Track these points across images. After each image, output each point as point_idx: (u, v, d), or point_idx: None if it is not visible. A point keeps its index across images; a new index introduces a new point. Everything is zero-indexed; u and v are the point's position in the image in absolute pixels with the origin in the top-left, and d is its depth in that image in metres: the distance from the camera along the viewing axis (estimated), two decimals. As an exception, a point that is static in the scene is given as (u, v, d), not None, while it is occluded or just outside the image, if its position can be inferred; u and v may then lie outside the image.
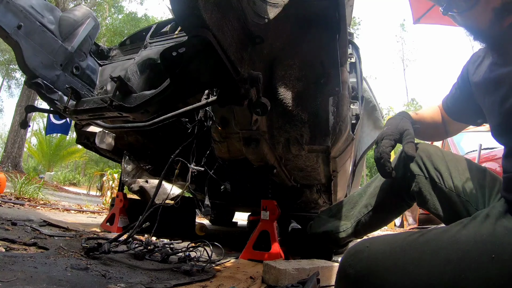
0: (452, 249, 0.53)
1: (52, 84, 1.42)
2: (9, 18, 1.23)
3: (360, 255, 0.60)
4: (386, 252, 0.57)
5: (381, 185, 1.26)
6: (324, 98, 1.25)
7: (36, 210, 2.99)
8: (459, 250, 0.52)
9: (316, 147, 1.34)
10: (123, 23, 15.24)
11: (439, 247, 0.54)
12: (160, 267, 1.19)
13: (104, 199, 6.65)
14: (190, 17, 0.78)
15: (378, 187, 1.28)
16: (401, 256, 0.55)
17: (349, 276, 0.58)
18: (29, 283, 0.77)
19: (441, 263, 0.51)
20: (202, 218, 4.59)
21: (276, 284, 1.04)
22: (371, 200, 1.29)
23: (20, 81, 22.10)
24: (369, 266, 0.57)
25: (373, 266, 0.56)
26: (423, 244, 0.56)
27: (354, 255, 0.61)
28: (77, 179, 17.82)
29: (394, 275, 0.53)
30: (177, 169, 1.55)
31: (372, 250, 0.59)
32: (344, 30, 1.23)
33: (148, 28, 2.15)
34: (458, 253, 0.52)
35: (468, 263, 0.50)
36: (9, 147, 11.02)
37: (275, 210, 1.66)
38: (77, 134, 2.27)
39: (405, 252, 0.56)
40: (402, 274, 0.53)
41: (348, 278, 0.58)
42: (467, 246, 0.52)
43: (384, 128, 1.08)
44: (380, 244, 0.60)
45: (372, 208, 1.28)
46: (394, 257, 0.56)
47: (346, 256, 0.62)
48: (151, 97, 1.00)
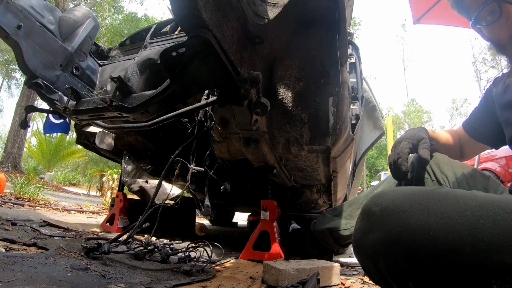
0: (471, 199, 0.56)
1: (52, 85, 1.42)
2: (9, 18, 1.23)
3: (385, 196, 0.62)
4: (410, 194, 0.60)
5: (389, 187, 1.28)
6: (324, 98, 1.25)
7: (36, 210, 2.99)
8: (478, 200, 0.55)
9: (316, 147, 1.34)
10: (123, 23, 15.24)
11: (459, 196, 0.57)
12: (160, 267, 1.19)
13: (104, 199, 6.65)
14: (190, 17, 0.78)
15: (386, 189, 1.29)
16: (425, 198, 0.58)
17: (374, 213, 0.60)
18: (29, 283, 0.77)
19: (461, 208, 0.54)
20: (202, 218, 4.59)
21: (276, 284, 1.04)
22: None
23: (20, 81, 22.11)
24: (394, 204, 0.59)
25: (398, 204, 0.58)
26: (445, 193, 0.59)
27: (379, 196, 0.63)
28: (77, 179, 17.81)
29: (418, 212, 0.55)
30: (177, 169, 1.55)
31: (397, 192, 0.62)
32: (344, 30, 1.23)
33: (148, 28, 2.15)
34: (477, 202, 0.54)
35: (486, 212, 0.52)
36: (9, 147, 11.01)
37: (275, 210, 1.66)
38: (77, 134, 2.27)
39: (428, 196, 0.58)
40: (428, 213, 0.55)
41: (373, 216, 0.60)
42: (485, 199, 0.55)
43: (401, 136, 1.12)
44: (405, 189, 0.63)
45: None
46: (418, 198, 0.58)
47: (371, 198, 0.65)
48: (151, 97, 1.00)
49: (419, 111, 28.95)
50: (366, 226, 0.62)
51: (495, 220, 0.51)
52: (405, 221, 0.55)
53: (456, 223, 0.52)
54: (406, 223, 0.55)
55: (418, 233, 0.53)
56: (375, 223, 0.59)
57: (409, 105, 29.98)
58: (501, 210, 0.52)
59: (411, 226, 0.55)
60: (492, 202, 0.54)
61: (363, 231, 0.62)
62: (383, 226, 0.58)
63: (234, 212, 4.84)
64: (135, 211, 2.26)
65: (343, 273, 1.43)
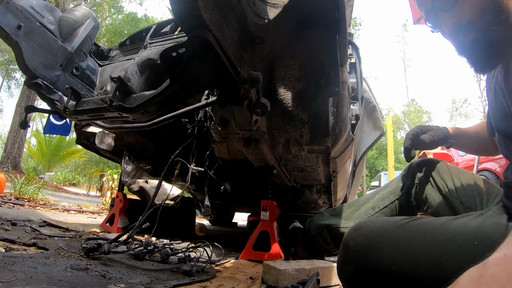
0: (439, 232, 0.60)
1: (52, 85, 1.42)
2: (9, 19, 1.23)
3: (360, 231, 0.68)
4: (382, 230, 0.65)
5: (391, 190, 1.33)
6: (324, 99, 1.25)
7: (36, 211, 2.99)
8: (446, 234, 0.59)
9: (316, 148, 1.34)
10: (123, 24, 15.24)
11: (428, 230, 0.62)
12: (160, 268, 1.19)
13: (104, 199, 6.65)
14: (190, 17, 0.78)
15: (387, 192, 1.34)
16: (395, 234, 0.63)
17: (349, 247, 0.66)
18: (29, 284, 0.77)
19: (428, 243, 0.59)
20: (202, 219, 4.59)
21: (276, 284, 1.04)
22: (379, 203, 1.34)
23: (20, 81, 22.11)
24: (367, 240, 0.65)
25: (370, 240, 0.64)
26: (415, 226, 0.64)
27: (355, 230, 0.69)
28: (77, 179, 17.81)
29: (388, 249, 0.61)
30: (177, 170, 1.55)
31: (371, 227, 0.68)
32: (344, 31, 1.23)
33: (148, 29, 2.15)
34: (444, 237, 0.59)
35: (452, 246, 0.56)
36: (9, 147, 11.01)
37: (275, 210, 1.66)
38: (77, 135, 2.27)
39: (399, 231, 0.64)
40: (394, 248, 0.60)
41: (348, 249, 0.67)
42: (453, 232, 0.59)
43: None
44: (378, 223, 0.69)
45: (379, 210, 1.33)
46: (389, 234, 0.64)
47: (349, 231, 0.71)
48: (151, 97, 1.00)
49: (419, 111, 28.96)
50: (343, 257, 0.69)
51: (460, 253, 0.55)
52: (374, 258, 0.62)
53: (420, 259, 0.57)
54: (375, 259, 0.61)
55: (385, 268, 0.59)
56: (350, 256, 0.66)
57: (409, 105, 29.99)
58: (468, 242, 0.56)
59: (379, 262, 0.61)
60: (461, 234, 0.58)
61: (342, 262, 0.69)
62: (356, 260, 0.64)
63: (234, 212, 4.84)
64: (135, 211, 2.26)
65: (343, 273, 1.43)
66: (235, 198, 2.58)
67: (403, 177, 1.30)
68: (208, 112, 1.50)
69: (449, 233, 0.59)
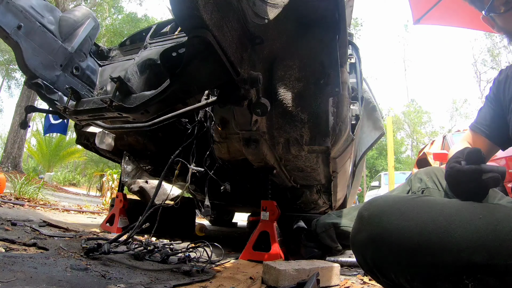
0: (447, 206, 0.65)
1: (52, 85, 1.42)
2: (9, 19, 1.23)
3: (374, 202, 0.74)
4: (394, 202, 0.71)
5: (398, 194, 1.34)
6: (324, 99, 1.25)
7: (36, 211, 2.99)
8: (453, 208, 0.64)
9: (316, 148, 1.34)
10: (123, 24, 15.23)
11: (437, 203, 0.67)
12: (160, 268, 1.19)
13: (104, 199, 6.64)
14: (190, 17, 0.78)
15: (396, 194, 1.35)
16: (405, 205, 0.69)
17: (364, 217, 0.72)
18: (29, 284, 0.77)
19: (436, 213, 0.64)
20: (202, 219, 4.59)
21: (276, 284, 1.04)
22: None
23: (20, 81, 22.09)
24: (379, 210, 0.71)
25: (383, 210, 0.70)
26: (425, 200, 0.70)
27: (369, 203, 0.75)
28: (76, 179, 17.80)
29: (398, 217, 0.66)
30: (177, 170, 1.55)
31: (383, 199, 0.74)
32: (344, 31, 1.23)
33: (148, 29, 2.15)
34: (451, 210, 0.64)
35: (458, 218, 0.61)
36: (9, 147, 11.01)
37: (275, 210, 1.66)
38: (77, 135, 2.27)
39: (409, 203, 0.69)
40: (405, 217, 0.66)
41: (363, 219, 0.72)
42: (460, 207, 0.64)
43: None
44: (391, 197, 0.75)
45: None
46: (400, 205, 0.69)
47: (364, 204, 0.77)
48: (151, 97, 1.00)
49: (419, 112, 28.96)
50: (357, 226, 0.74)
51: (466, 225, 0.60)
52: (385, 224, 0.67)
53: (428, 226, 0.62)
54: (386, 226, 0.67)
55: (395, 234, 0.65)
56: (363, 225, 0.71)
57: (409, 106, 29.99)
58: (474, 216, 0.60)
59: (389, 228, 0.66)
60: (468, 209, 0.63)
61: (356, 231, 0.74)
62: (369, 227, 0.70)
63: (234, 213, 4.83)
64: (135, 212, 2.26)
65: (343, 273, 1.43)
66: (235, 198, 2.58)
67: (410, 181, 1.32)
68: (208, 112, 1.50)
69: (456, 207, 0.64)
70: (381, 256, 0.67)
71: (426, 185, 1.23)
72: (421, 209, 0.66)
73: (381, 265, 0.67)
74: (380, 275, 0.68)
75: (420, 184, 1.26)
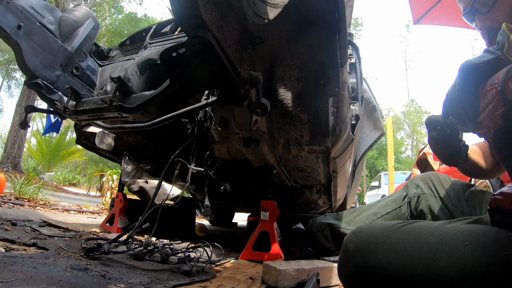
0: (432, 235, 0.63)
1: (52, 85, 1.42)
2: (9, 19, 1.23)
3: (359, 234, 0.73)
4: (379, 233, 0.70)
5: (394, 199, 1.38)
6: (324, 99, 1.25)
7: (35, 211, 2.99)
8: (438, 236, 0.62)
9: (316, 148, 1.34)
10: (123, 24, 15.25)
11: (422, 232, 0.66)
12: (159, 268, 1.19)
13: (104, 199, 6.64)
14: (190, 17, 0.78)
15: (390, 200, 1.39)
16: (390, 237, 0.67)
17: (349, 249, 0.71)
18: (29, 284, 0.77)
19: (421, 244, 0.62)
20: (202, 219, 4.59)
21: (276, 284, 1.04)
22: (381, 209, 1.39)
23: (20, 81, 22.10)
24: (364, 243, 0.70)
25: (368, 243, 0.69)
26: (410, 229, 0.68)
27: (354, 234, 0.74)
28: (76, 179, 17.81)
29: (383, 250, 0.66)
30: (177, 170, 1.55)
31: (368, 231, 0.73)
32: (344, 31, 1.23)
33: (148, 29, 2.15)
34: (436, 238, 0.62)
35: (443, 246, 0.59)
36: (9, 147, 11.01)
37: (275, 210, 1.66)
38: (77, 135, 2.27)
39: (394, 234, 0.68)
40: (390, 250, 0.65)
41: (348, 251, 0.72)
42: (445, 234, 0.62)
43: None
44: (376, 227, 0.73)
45: (380, 216, 1.37)
46: (385, 237, 0.68)
47: (348, 235, 0.76)
48: (151, 97, 1.00)
49: (418, 112, 28.95)
50: (343, 259, 0.73)
51: (451, 253, 0.57)
52: (370, 259, 0.66)
53: (413, 259, 0.61)
54: (371, 260, 0.66)
55: (380, 268, 0.64)
56: (349, 257, 0.71)
57: (409, 106, 29.97)
58: (459, 243, 0.58)
59: (374, 262, 0.65)
60: (453, 236, 0.61)
61: (342, 263, 0.74)
62: (354, 261, 0.69)
63: (234, 213, 4.83)
64: (135, 212, 2.26)
65: (343, 273, 1.43)
66: (235, 198, 2.58)
67: (407, 187, 1.34)
68: (208, 112, 1.50)
69: (441, 235, 0.62)
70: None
71: (422, 191, 1.26)
72: (407, 240, 0.65)
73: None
74: None
75: (416, 190, 1.29)
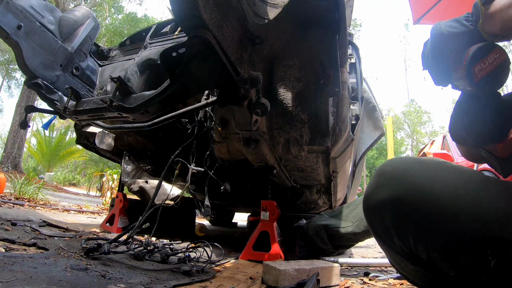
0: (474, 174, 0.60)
1: (52, 85, 1.42)
2: (9, 19, 1.23)
3: (398, 159, 0.67)
4: (421, 160, 0.65)
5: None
6: (324, 99, 1.25)
7: (36, 211, 2.99)
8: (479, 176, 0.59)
9: (316, 148, 1.34)
10: (123, 24, 15.24)
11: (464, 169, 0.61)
12: (160, 268, 1.19)
13: (104, 199, 6.64)
14: (190, 17, 0.78)
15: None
16: (433, 165, 0.62)
17: (385, 172, 0.64)
18: (29, 284, 0.77)
19: (466, 179, 0.58)
20: (202, 219, 4.59)
21: (276, 284, 1.04)
22: None
23: (20, 81, 22.09)
24: (405, 165, 0.63)
25: (408, 166, 0.62)
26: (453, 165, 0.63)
27: (392, 159, 0.68)
28: (76, 179, 17.80)
29: (426, 175, 0.59)
30: (177, 170, 1.55)
31: (409, 157, 0.67)
32: (344, 31, 1.23)
33: (148, 29, 2.15)
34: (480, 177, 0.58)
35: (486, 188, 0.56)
36: (9, 147, 11.01)
37: (275, 210, 1.66)
38: (77, 135, 2.27)
39: (437, 164, 0.62)
40: (433, 176, 0.59)
41: (384, 174, 0.64)
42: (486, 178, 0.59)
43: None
44: (415, 157, 0.68)
45: None
46: (427, 164, 0.62)
47: (383, 163, 0.68)
48: (151, 97, 1.00)
49: (418, 112, 28.96)
50: (377, 182, 0.65)
51: (496, 196, 0.54)
52: (413, 181, 0.59)
53: (459, 190, 0.56)
54: (413, 183, 0.59)
55: (423, 194, 0.57)
56: (386, 180, 0.63)
57: (409, 106, 29.98)
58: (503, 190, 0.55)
59: (417, 187, 0.58)
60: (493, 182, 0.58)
61: (374, 186, 0.65)
62: (393, 182, 0.61)
63: (234, 213, 4.83)
64: (135, 212, 2.26)
65: (343, 273, 1.43)
66: (235, 198, 2.58)
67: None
68: (208, 112, 1.50)
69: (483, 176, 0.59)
70: (403, 216, 0.59)
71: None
72: (452, 172, 0.59)
73: (402, 227, 0.60)
74: (398, 238, 0.61)
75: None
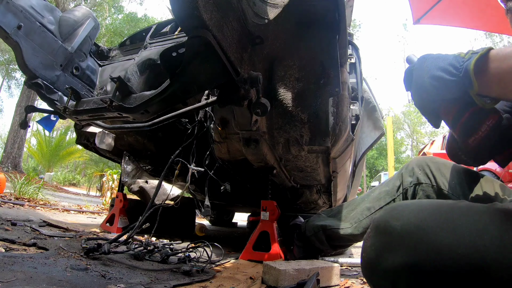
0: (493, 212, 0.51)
1: (52, 85, 1.42)
2: (9, 19, 1.23)
3: (406, 209, 0.55)
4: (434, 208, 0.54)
5: (387, 190, 1.27)
6: (324, 99, 1.25)
7: (36, 211, 2.99)
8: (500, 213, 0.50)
9: (316, 148, 1.34)
10: (123, 24, 15.24)
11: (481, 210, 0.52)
12: (160, 268, 1.19)
13: (104, 199, 6.64)
14: (190, 17, 0.78)
15: (383, 192, 1.28)
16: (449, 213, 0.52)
17: (394, 229, 0.52)
18: (29, 284, 0.77)
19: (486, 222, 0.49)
20: (202, 219, 4.59)
21: (276, 284, 1.04)
22: (375, 203, 1.31)
23: (20, 81, 22.10)
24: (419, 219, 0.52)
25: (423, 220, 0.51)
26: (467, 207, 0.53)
27: (396, 209, 0.56)
28: (76, 179, 17.80)
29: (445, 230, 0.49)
30: (177, 170, 1.55)
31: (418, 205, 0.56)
32: (344, 31, 1.23)
33: (148, 29, 2.15)
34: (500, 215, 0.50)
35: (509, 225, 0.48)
36: (9, 147, 11.01)
37: (275, 210, 1.66)
38: (77, 135, 2.27)
39: (453, 210, 0.53)
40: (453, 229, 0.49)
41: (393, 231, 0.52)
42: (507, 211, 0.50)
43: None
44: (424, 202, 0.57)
45: (374, 211, 1.30)
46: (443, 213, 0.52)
47: (385, 211, 0.58)
48: (151, 97, 1.00)
49: (418, 112, 28.94)
50: (384, 243, 0.53)
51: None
52: (433, 240, 0.48)
53: (483, 239, 0.47)
54: (434, 242, 0.48)
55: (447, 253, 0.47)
56: (397, 241, 0.51)
57: (409, 106, 29.98)
58: None
59: (439, 246, 0.48)
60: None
61: (381, 250, 0.53)
62: (407, 244, 0.50)
63: (234, 213, 4.83)
64: (135, 212, 2.26)
65: (343, 273, 1.43)
66: (235, 198, 2.58)
67: (401, 175, 1.23)
68: (208, 112, 1.50)
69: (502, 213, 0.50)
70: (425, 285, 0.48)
71: (418, 180, 1.15)
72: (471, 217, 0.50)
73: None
74: None
75: (412, 178, 1.17)
